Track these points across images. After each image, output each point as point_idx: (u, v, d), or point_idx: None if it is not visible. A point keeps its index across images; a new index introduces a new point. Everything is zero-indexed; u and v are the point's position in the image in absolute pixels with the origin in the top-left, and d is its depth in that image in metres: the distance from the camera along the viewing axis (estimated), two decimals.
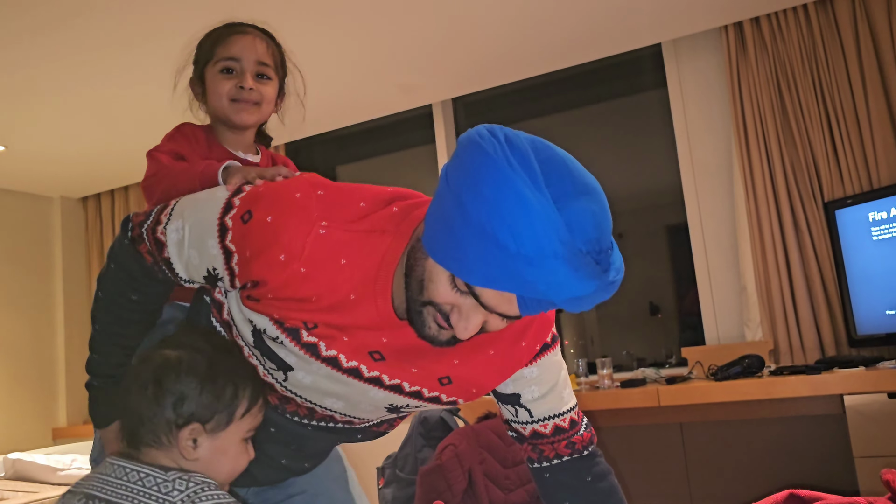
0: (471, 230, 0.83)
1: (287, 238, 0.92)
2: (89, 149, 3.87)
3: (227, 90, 1.35)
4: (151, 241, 1.05)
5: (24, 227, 4.49)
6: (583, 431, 1.20)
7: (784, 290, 2.86)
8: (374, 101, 3.55)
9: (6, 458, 2.44)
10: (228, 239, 0.97)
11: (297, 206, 0.94)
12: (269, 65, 1.37)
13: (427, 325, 0.93)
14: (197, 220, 1.01)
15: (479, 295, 0.87)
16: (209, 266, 1.01)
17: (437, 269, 0.90)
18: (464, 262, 0.85)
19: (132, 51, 2.80)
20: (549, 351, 1.15)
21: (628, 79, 3.63)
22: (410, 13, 2.71)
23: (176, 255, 1.03)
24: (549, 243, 0.81)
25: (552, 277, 0.82)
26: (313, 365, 1.01)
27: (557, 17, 2.85)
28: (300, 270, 0.93)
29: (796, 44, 2.93)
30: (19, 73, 2.90)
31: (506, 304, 0.87)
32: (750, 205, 2.95)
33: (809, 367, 2.51)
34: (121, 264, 1.10)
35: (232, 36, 1.35)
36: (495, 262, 0.82)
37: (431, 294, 0.91)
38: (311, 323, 0.98)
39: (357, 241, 0.96)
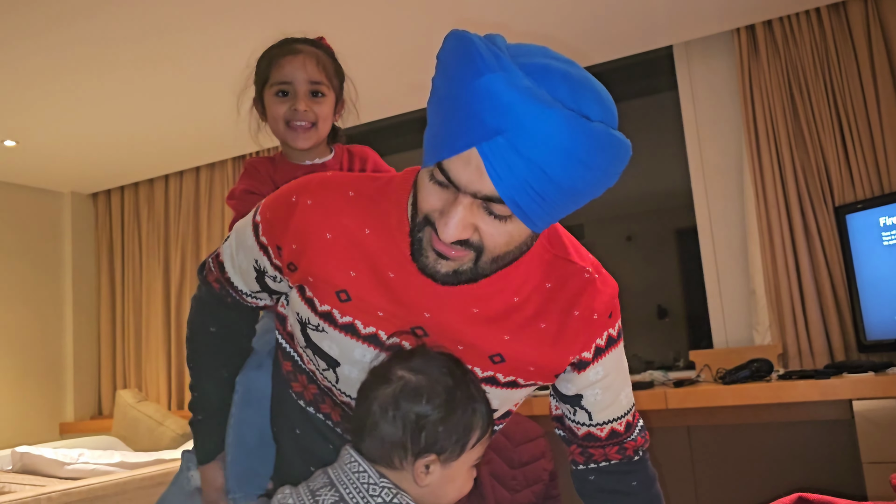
0: (434, 102, 0.83)
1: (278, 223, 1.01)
2: (100, 145, 3.89)
3: (283, 113, 1.38)
4: (216, 266, 1.14)
5: (35, 222, 4.52)
6: (636, 435, 1.14)
7: (794, 294, 2.85)
8: (387, 99, 3.56)
9: (14, 452, 2.45)
10: (261, 233, 1.04)
11: (285, 198, 1.03)
12: (322, 81, 1.40)
13: (425, 254, 0.89)
14: (238, 229, 1.11)
15: (449, 173, 0.82)
16: (253, 262, 1.07)
17: (423, 175, 0.88)
18: (431, 143, 0.84)
19: (144, 48, 2.82)
20: (615, 346, 1.08)
21: (639, 81, 3.62)
22: (424, 11, 2.72)
23: (231, 268, 1.11)
24: (483, 63, 0.77)
25: (491, 100, 0.76)
26: (355, 350, 0.99)
27: (569, 18, 2.84)
28: (293, 246, 0.99)
29: (809, 47, 2.91)
30: (31, 69, 2.92)
31: (477, 177, 0.80)
32: (760, 208, 2.94)
33: (818, 371, 2.50)
34: (198, 299, 1.19)
35: (284, 57, 1.38)
36: (447, 114, 0.80)
37: (422, 204, 0.88)
38: (343, 294, 0.98)
39: (364, 204, 1.00)
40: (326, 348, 1.02)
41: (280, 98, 1.38)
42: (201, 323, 1.18)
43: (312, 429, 1.12)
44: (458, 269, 0.89)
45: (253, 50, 2.59)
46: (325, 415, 1.11)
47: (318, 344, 1.02)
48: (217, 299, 1.16)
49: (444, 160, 0.82)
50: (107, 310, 4.69)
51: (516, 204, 0.81)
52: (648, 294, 6.54)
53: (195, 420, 1.20)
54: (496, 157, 0.78)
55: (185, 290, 4.37)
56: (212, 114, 3.56)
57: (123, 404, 3.85)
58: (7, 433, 4.18)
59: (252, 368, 1.22)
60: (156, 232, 4.54)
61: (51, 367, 4.49)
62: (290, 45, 1.40)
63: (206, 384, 1.19)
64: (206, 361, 1.19)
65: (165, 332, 4.41)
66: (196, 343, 1.19)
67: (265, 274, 1.07)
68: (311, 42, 1.44)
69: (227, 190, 4.27)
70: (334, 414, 1.10)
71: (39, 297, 4.48)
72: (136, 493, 2.37)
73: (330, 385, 1.07)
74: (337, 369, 1.03)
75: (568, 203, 0.84)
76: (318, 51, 1.41)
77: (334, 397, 1.08)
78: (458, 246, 0.86)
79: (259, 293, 1.12)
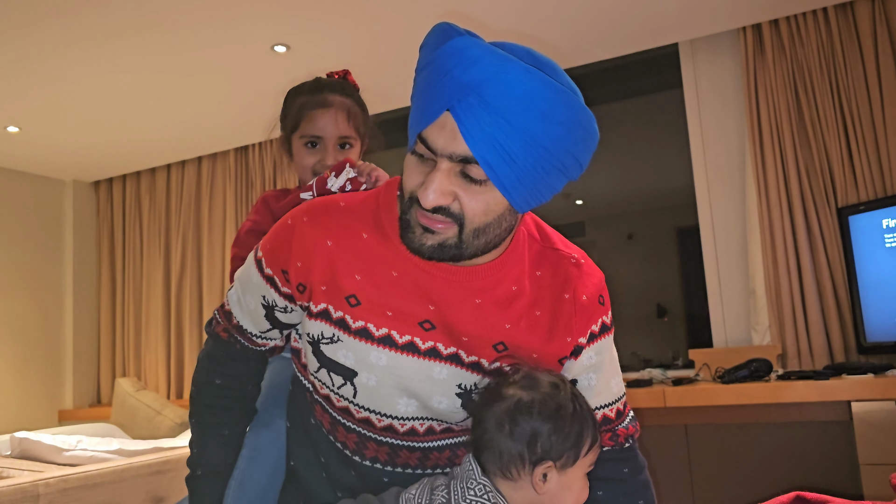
0: (413, 93, 0.91)
1: (282, 249, 1.05)
2: (102, 134, 3.88)
3: (311, 164, 1.40)
4: (223, 316, 1.16)
5: (36, 209, 4.52)
6: (627, 423, 1.18)
7: (794, 294, 2.85)
8: (388, 92, 3.55)
9: (13, 437, 2.45)
10: (265, 266, 1.07)
11: (282, 224, 1.07)
12: (352, 134, 1.41)
13: (412, 230, 0.94)
14: (242, 270, 1.13)
15: (426, 139, 0.89)
16: (261, 299, 1.09)
17: (407, 157, 0.94)
18: (412, 121, 0.91)
19: (148, 37, 2.81)
20: (607, 333, 1.13)
21: (643, 78, 3.61)
22: (432, 7, 2.71)
23: (239, 312, 1.13)
24: (453, 32, 0.87)
25: (459, 56, 0.84)
26: (371, 354, 1.02)
27: (573, 14, 2.84)
28: (297, 265, 1.02)
29: (815, 47, 2.91)
30: (35, 57, 2.91)
31: (450, 138, 0.87)
32: (762, 208, 2.94)
33: (817, 372, 2.50)
34: (205, 353, 1.19)
35: (315, 110, 1.38)
36: (423, 86, 0.89)
37: (406, 184, 0.94)
38: (353, 299, 1.01)
39: (349, 213, 1.05)
40: (342, 359, 1.04)
41: (309, 149, 1.40)
42: (207, 376, 1.18)
43: (336, 456, 1.15)
44: (443, 242, 0.93)
45: (257, 43, 2.60)
46: (341, 443, 1.13)
47: (333, 357, 1.04)
48: (224, 350, 1.17)
49: (423, 131, 0.89)
50: (107, 298, 4.69)
51: (488, 164, 0.86)
52: (648, 292, 6.53)
53: (193, 476, 1.19)
54: (467, 115, 0.85)
55: (185, 279, 4.38)
56: (214, 104, 3.55)
57: (122, 393, 3.85)
58: (6, 419, 4.19)
59: (262, 427, 1.23)
60: (157, 221, 4.54)
61: (51, 354, 4.50)
62: (322, 97, 1.40)
63: (207, 442, 1.18)
64: (209, 418, 1.18)
65: (165, 322, 4.41)
66: (200, 398, 1.18)
67: (274, 308, 1.08)
68: (340, 87, 1.43)
69: (228, 181, 4.27)
70: (349, 441, 1.12)
71: (40, 284, 4.49)
72: (134, 480, 2.37)
73: (347, 404, 1.07)
74: (354, 380, 1.04)
75: (538, 168, 0.88)
76: (348, 100, 1.41)
77: (348, 422, 1.10)
78: (439, 216, 0.91)
79: (269, 332, 1.13)
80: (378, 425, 1.08)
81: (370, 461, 1.11)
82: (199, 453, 1.18)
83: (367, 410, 1.07)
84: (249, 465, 1.20)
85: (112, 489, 2.30)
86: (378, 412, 1.07)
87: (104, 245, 4.75)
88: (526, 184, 0.89)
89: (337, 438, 1.13)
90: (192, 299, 4.32)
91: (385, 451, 1.10)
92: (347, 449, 1.12)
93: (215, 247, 4.30)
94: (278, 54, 3.04)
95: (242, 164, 4.27)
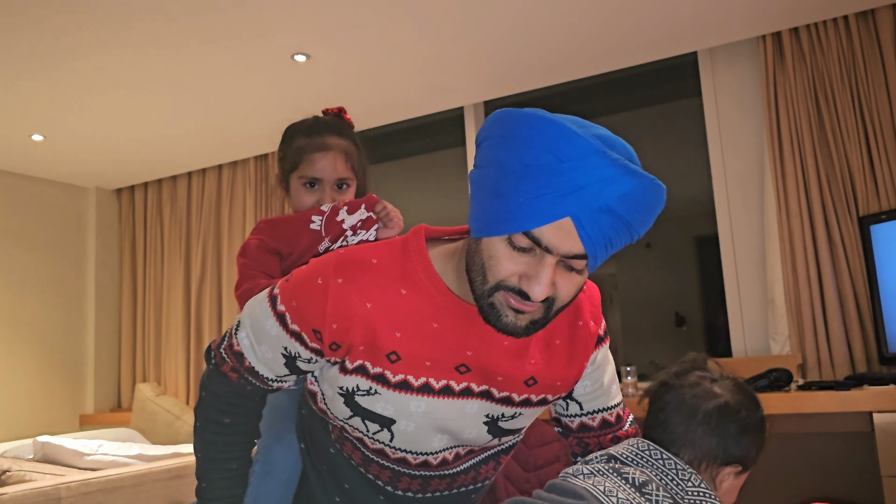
0: (513, 176, 0.88)
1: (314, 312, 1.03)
2: (125, 141, 3.94)
3: (309, 204, 1.44)
4: (231, 357, 1.12)
5: (60, 215, 4.59)
6: (627, 428, 1.24)
7: (815, 304, 2.82)
8: (406, 102, 3.57)
9: (36, 441, 2.48)
10: (290, 322, 1.05)
11: (310, 282, 1.04)
12: (349, 175, 1.46)
13: (503, 314, 0.94)
14: (253, 319, 1.10)
15: (540, 239, 0.88)
16: (281, 350, 1.07)
17: (493, 243, 0.92)
18: (515, 214, 0.89)
19: (171, 50, 2.85)
20: (602, 344, 1.19)
21: (662, 87, 3.61)
22: (444, 15, 2.72)
23: (254, 359, 1.10)
24: (587, 143, 0.86)
25: (597, 173, 0.85)
26: (410, 404, 1.04)
27: (591, 22, 2.84)
28: (333, 326, 1.01)
29: (835, 55, 2.89)
30: (61, 66, 2.96)
31: (567, 238, 0.88)
32: (782, 217, 2.92)
33: (838, 382, 2.47)
34: (210, 391, 1.16)
35: (314, 154, 1.42)
36: (543, 189, 0.86)
37: (495, 272, 0.93)
38: (393, 356, 1.02)
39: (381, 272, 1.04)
40: (380, 410, 1.05)
41: (308, 189, 1.44)
42: (213, 414, 1.15)
43: (364, 484, 1.16)
44: (533, 319, 0.95)
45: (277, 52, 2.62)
46: (374, 475, 1.15)
47: (370, 408, 1.06)
48: (234, 390, 1.14)
49: (535, 230, 0.89)
50: (128, 304, 4.74)
51: (595, 258, 0.90)
52: (666, 301, 6.49)
53: None
54: (589, 221, 0.87)
55: (205, 286, 4.41)
56: (235, 113, 3.59)
57: (142, 398, 3.89)
58: (29, 423, 4.24)
59: (273, 441, 1.25)
60: (178, 228, 4.59)
61: (72, 359, 4.55)
62: (321, 139, 1.43)
63: (215, 476, 1.17)
64: (217, 455, 1.17)
65: (185, 328, 4.45)
66: (207, 433, 1.17)
67: (297, 358, 1.08)
68: (337, 128, 1.47)
69: (249, 188, 4.31)
70: (382, 476, 1.14)
71: (63, 290, 4.55)
72: (154, 485, 2.39)
73: (382, 446, 1.10)
74: (392, 427, 1.07)
75: (619, 245, 0.93)
76: (345, 142, 1.46)
77: (382, 461, 1.12)
78: (532, 302, 0.93)
79: (286, 377, 1.13)
80: (413, 462, 1.11)
81: (402, 491, 1.14)
82: (207, 487, 1.18)
83: (402, 451, 1.09)
84: (262, 480, 1.21)
85: (132, 493, 2.32)
86: (414, 452, 1.09)
87: (126, 251, 4.81)
88: (605, 258, 0.94)
89: (369, 472, 1.15)
90: (212, 306, 4.36)
91: (418, 482, 1.13)
92: (380, 480, 1.15)
93: (235, 253, 4.33)
94: (298, 63, 3.07)
95: (262, 171, 4.30)
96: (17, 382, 4.23)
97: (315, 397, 1.15)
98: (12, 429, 4.16)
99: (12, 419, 4.18)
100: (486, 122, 0.95)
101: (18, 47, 2.79)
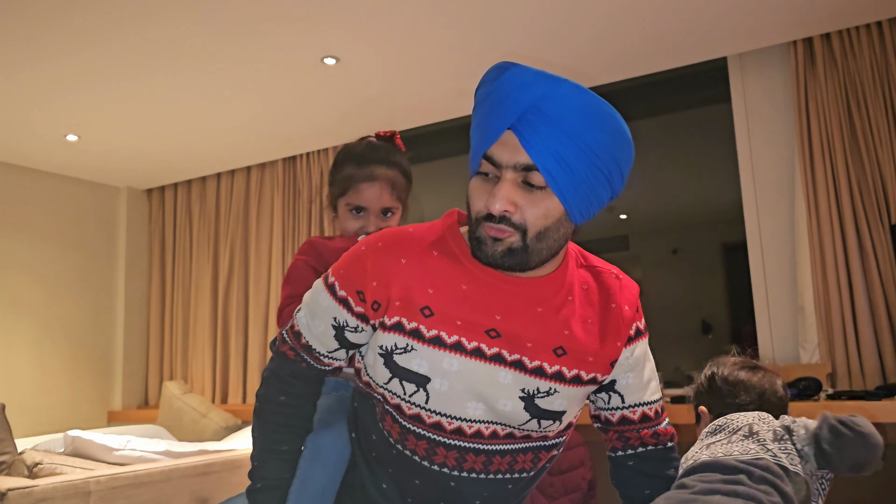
0: (474, 123, 1.06)
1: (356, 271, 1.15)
2: (156, 143, 4.00)
3: (355, 229, 1.52)
4: (291, 337, 1.23)
5: (92, 215, 4.67)
6: (667, 425, 1.29)
7: (845, 312, 2.78)
8: (434, 105, 3.59)
9: (66, 435, 2.53)
10: (338, 289, 1.15)
11: (355, 251, 1.18)
12: (395, 202, 1.53)
13: (484, 243, 1.05)
14: (311, 297, 1.21)
15: (492, 157, 1.02)
16: (331, 321, 1.17)
17: (472, 184, 1.07)
18: (475, 148, 1.05)
19: (203, 52, 2.89)
20: (642, 338, 1.25)
21: (691, 92, 3.58)
22: (472, 18, 2.73)
23: (309, 335, 1.20)
24: (506, 63, 1.01)
25: (516, 81, 0.98)
26: (444, 361, 1.10)
27: (621, 27, 2.83)
28: (373, 284, 1.12)
29: (868, 61, 2.85)
30: (96, 67, 3.02)
31: (513, 151, 1.00)
32: (812, 224, 2.88)
33: (869, 392, 2.44)
34: (271, 370, 1.25)
35: (361, 184, 1.50)
36: (484, 115, 1.02)
37: (474, 207, 1.06)
38: (426, 310, 1.10)
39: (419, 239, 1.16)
40: (416, 367, 1.11)
41: (354, 215, 1.52)
42: (271, 393, 1.24)
43: (403, 463, 1.20)
44: (511, 246, 1.04)
45: (307, 55, 2.64)
46: (410, 451, 1.18)
47: (406, 366, 1.12)
48: (290, 368, 1.23)
49: (487, 150, 1.02)
50: (156, 303, 4.81)
51: (548, 170, 0.99)
52: (693, 308, 6.43)
53: (254, 488, 1.25)
54: (527, 129, 0.98)
55: (232, 285, 4.47)
56: (264, 115, 3.63)
57: (169, 395, 3.94)
58: (58, 418, 4.32)
59: (322, 427, 1.31)
60: (206, 228, 4.65)
61: (102, 356, 4.63)
62: (369, 170, 1.50)
63: (268, 457, 1.24)
64: (271, 435, 1.24)
65: (212, 327, 4.51)
66: (263, 413, 1.24)
67: (345, 329, 1.17)
68: (386, 156, 1.53)
69: (276, 190, 4.35)
70: (419, 448, 1.17)
71: (93, 288, 4.63)
72: (180, 481, 2.42)
73: (418, 410, 1.14)
74: (427, 386, 1.12)
75: (589, 176, 1.01)
76: (393, 171, 1.52)
77: (418, 429, 1.15)
78: (504, 225, 1.02)
79: (336, 351, 1.20)
80: (448, 428, 1.14)
81: (438, 465, 1.16)
82: (260, 467, 1.24)
83: (437, 415, 1.13)
84: (311, 464, 1.26)
85: (159, 488, 2.36)
86: (448, 415, 1.13)
87: (155, 250, 4.88)
88: (580, 191, 1.02)
89: (406, 447, 1.18)
90: (239, 305, 4.41)
91: (454, 455, 1.16)
92: (417, 455, 1.17)
93: (262, 254, 4.38)
94: (328, 66, 3.10)
95: (290, 173, 4.35)
96: (48, 378, 4.31)
97: (360, 373, 1.22)
98: (42, 423, 4.24)
99: (43, 414, 4.26)
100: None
101: (54, 52, 2.85)
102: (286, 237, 4.29)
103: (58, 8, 2.55)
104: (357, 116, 3.63)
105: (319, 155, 4.20)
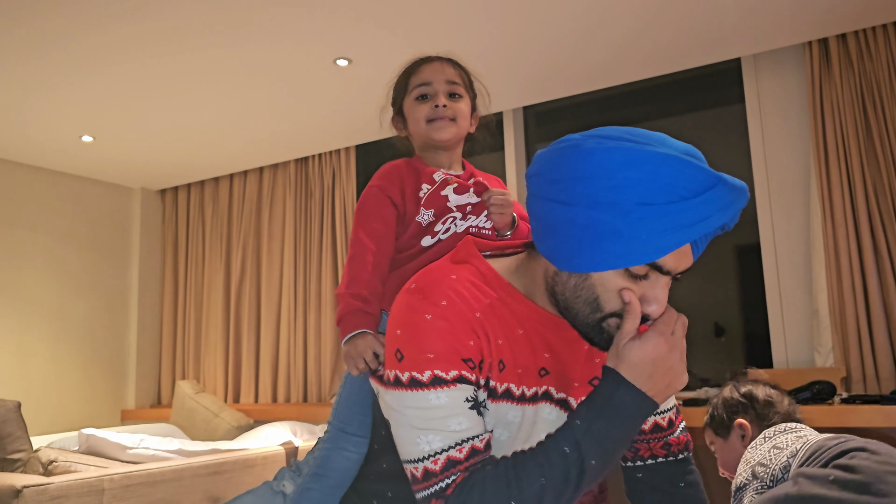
0: (633, 215, 0.90)
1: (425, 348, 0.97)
2: (170, 144, 4.02)
3: (425, 113, 1.45)
4: (449, 471, 0.95)
5: (106, 215, 4.70)
6: (679, 434, 1.22)
7: (860, 315, 2.76)
8: None
9: (81, 433, 2.55)
10: (449, 371, 0.97)
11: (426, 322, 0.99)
12: (460, 83, 1.48)
13: (607, 336, 0.99)
14: (414, 419, 0.98)
15: (662, 266, 0.94)
16: (467, 406, 0.98)
17: (604, 278, 0.96)
18: (636, 249, 0.91)
19: (212, 53, 2.91)
20: None
21: (704, 93, 3.56)
22: (485, 20, 2.73)
23: (454, 438, 0.97)
24: (707, 177, 0.90)
25: (719, 202, 0.90)
26: (510, 414, 1.03)
27: (633, 28, 2.82)
28: (470, 344, 0.98)
29: (884, 62, 2.83)
30: (111, 71, 3.04)
31: (684, 259, 0.95)
32: (827, 226, 2.86)
33: (884, 396, 2.42)
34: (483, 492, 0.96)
35: (421, 66, 1.48)
36: (669, 224, 0.90)
37: (611, 304, 0.97)
38: (500, 364, 1.01)
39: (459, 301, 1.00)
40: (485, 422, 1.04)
41: (420, 101, 1.46)
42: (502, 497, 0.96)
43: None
44: None
45: (320, 56, 2.63)
46: None
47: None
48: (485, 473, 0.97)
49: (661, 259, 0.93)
50: (170, 303, 4.84)
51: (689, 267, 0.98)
52: (705, 311, 6.38)
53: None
54: (704, 240, 0.96)
55: (244, 286, 4.48)
56: (276, 116, 3.65)
57: (182, 395, 3.96)
58: (72, 416, 4.35)
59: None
60: (219, 229, 4.68)
61: (115, 355, 4.66)
62: (426, 57, 1.49)
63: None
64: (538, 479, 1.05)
65: (224, 327, 4.53)
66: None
67: (480, 404, 1.00)
68: (445, 57, 1.52)
69: (289, 191, 4.37)
70: None
71: (107, 287, 4.66)
72: (193, 479, 2.44)
73: None
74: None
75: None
76: (453, 62, 1.50)
77: None
78: None
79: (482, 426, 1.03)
80: None
81: None
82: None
83: None
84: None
85: (172, 487, 2.37)
86: None
87: (168, 251, 4.91)
88: None
89: None
90: (251, 306, 4.43)
91: None
92: None
93: (274, 255, 4.40)
94: (340, 67, 3.11)
95: (302, 174, 4.36)
96: (62, 377, 4.35)
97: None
98: (57, 422, 4.28)
99: (57, 412, 4.29)
100: (552, 158, 0.96)
101: (71, 52, 2.88)
102: (298, 238, 4.31)
103: (72, 11, 2.57)
104: (369, 118, 3.63)
105: (331, 156, 4.21)
